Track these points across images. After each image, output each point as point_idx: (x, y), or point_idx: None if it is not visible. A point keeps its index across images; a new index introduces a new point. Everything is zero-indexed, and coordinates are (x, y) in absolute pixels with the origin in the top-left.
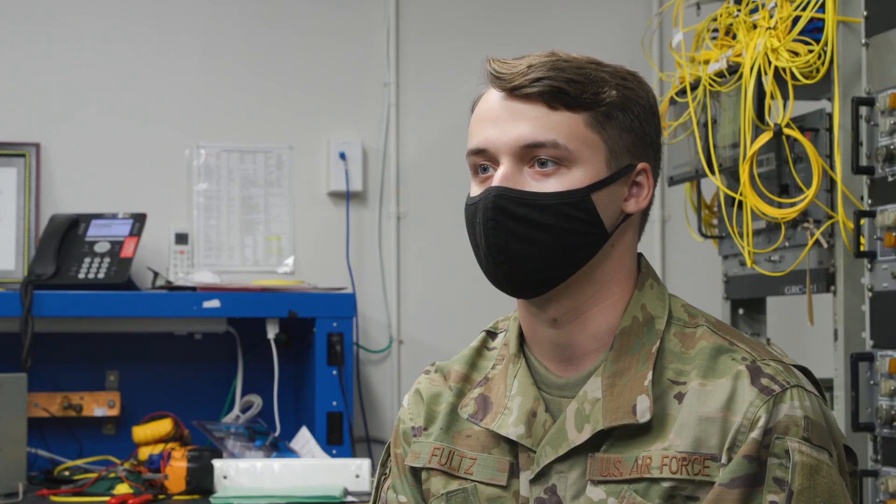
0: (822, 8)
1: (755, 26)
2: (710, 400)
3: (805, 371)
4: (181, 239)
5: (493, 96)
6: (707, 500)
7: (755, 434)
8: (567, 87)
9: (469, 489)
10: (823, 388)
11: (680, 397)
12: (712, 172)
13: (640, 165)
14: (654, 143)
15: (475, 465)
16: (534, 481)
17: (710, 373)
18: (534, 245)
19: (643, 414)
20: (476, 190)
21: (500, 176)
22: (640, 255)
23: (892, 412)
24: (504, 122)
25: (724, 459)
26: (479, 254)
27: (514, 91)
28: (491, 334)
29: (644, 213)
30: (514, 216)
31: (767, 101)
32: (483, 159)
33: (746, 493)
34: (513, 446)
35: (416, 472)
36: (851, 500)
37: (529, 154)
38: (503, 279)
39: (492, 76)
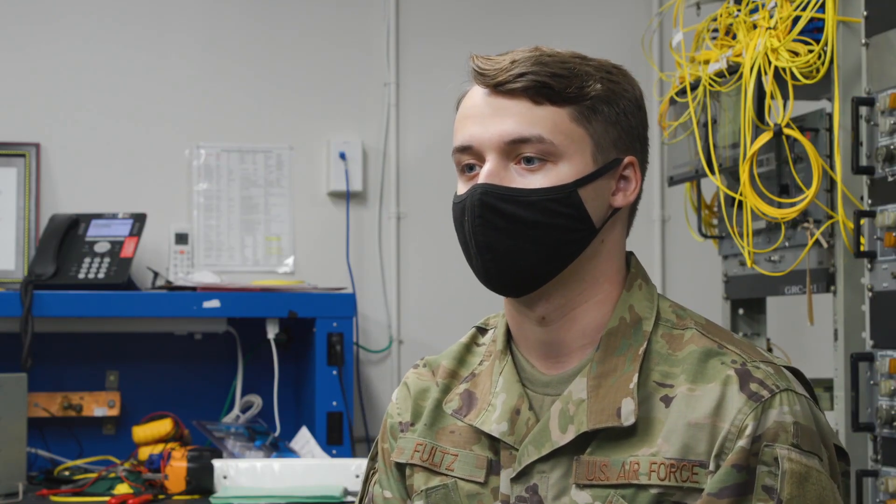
0: (822, 8)
1: (755, 26)
2: (699, 405)
3: (796, 373)
4: (181, 239)
5: (478, 93)
6: None
7: (743, 442)
8: (551, 81)
9: (450, 485)
10: (823, 388)
11: (667, 400)
12: (712, 172)
13: (627, 159)
14: (641, 136)
15: (456, 461)
16: (515, 480)
17: (700, 377)
18: (521, 242)
19: (627, 417)
20: (462, 189)
21: (485, 172)
22: (630, 254)
23: (892, 412)
24: (488, 119)
25: (711, 466)
26: (469, 252)
27: (498, 87)
28: (481, 330)
29: (632, 208)
30: (500, 213)
31: (767, 101)
32: (468, 156)
33: (735, 502)
34: (494, 443)
35: (401, 468)
36: (843, 501)
37: (515, 150)
38: (492, 277)
39: (475, 73)
